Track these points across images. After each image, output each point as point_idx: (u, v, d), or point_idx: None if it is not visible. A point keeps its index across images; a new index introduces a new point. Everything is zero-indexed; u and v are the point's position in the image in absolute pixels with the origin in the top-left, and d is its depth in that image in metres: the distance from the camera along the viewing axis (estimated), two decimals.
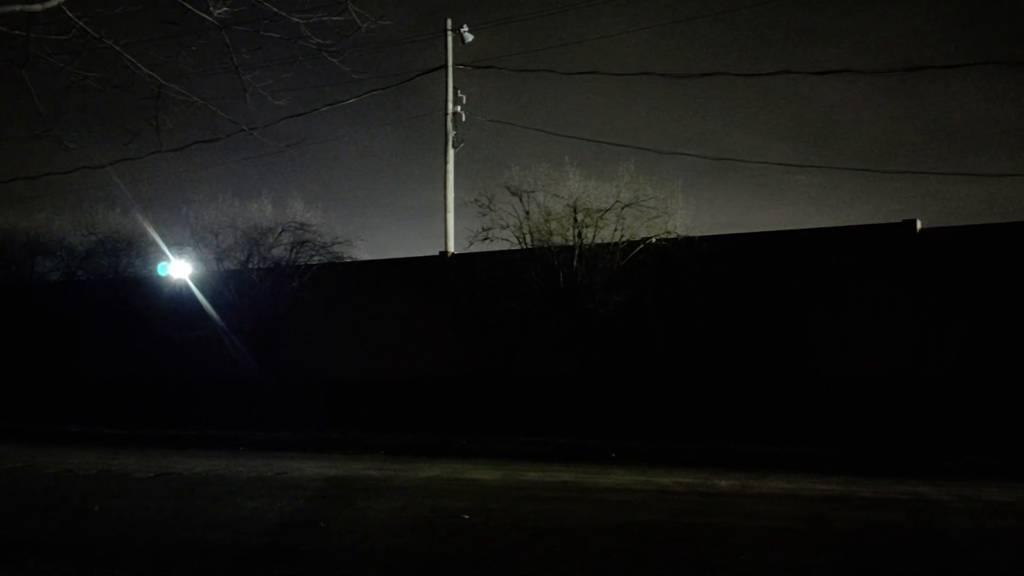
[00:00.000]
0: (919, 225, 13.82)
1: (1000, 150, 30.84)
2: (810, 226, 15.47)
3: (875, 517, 7.55)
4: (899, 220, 14.01)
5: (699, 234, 14.91)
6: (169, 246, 18.20)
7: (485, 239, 15.59)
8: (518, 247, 15.53)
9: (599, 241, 15.10)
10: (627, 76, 24.82)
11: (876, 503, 8.23)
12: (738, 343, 14.39)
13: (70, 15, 6.28)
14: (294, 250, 17.75)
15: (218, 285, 17.73)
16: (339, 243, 17.86)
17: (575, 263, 15.03)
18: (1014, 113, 31.08)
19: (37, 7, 5.90)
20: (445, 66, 20.13)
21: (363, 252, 18.30)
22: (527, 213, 15.38)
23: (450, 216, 19.60)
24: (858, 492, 8.84)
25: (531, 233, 15.39)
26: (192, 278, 18.01)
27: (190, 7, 6.44)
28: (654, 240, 14.92)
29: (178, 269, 18.00)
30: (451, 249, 19.04)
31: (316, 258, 17.74)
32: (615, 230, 15.05)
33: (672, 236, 14.89)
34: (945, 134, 31.82)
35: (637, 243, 14.97)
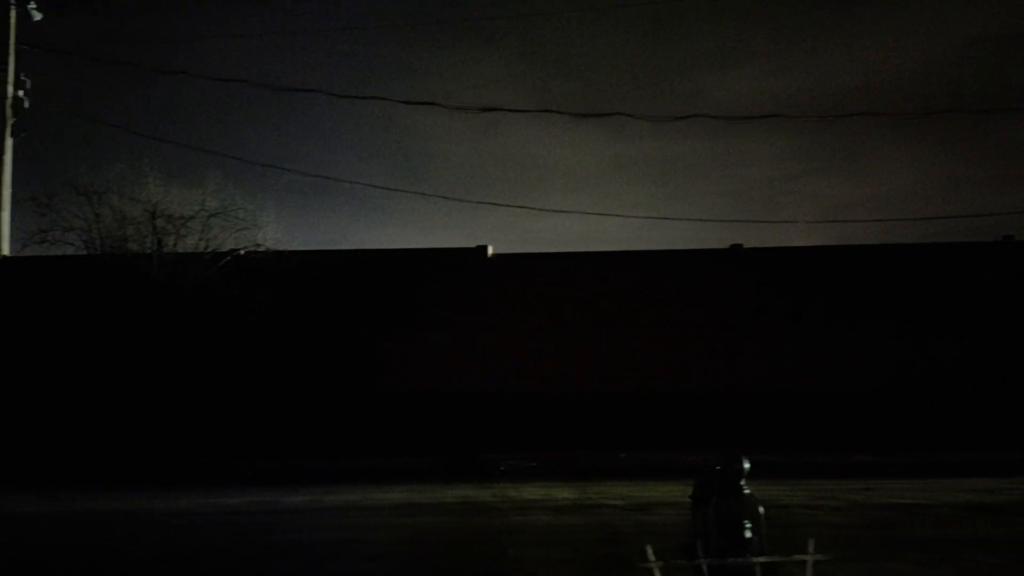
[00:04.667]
0: (490, 251, 15.20)
1: (562, 189, 35.23)
2: (407, 247, 16.10)
3: (431, 521, 8.09)
4: (473, 245, 15.30)
5: (292, 248, 14.85)
6: None
7: (43, 242, 13.96)
8: (86, 252, 14.14)
9: (182, 250, 14.34)
10: (222, 82, 23.76)
11: (433, 508, 8.85)
12: (322, 360, 14.54)
13: None
14: None
15: None
16: None
17: (155, 272, 14.07)
18: (571, 159, 35.78)
19: None
20: (5, 44, 17.65)
21: None
22: (97, 216, 14.07)
23: (5, 214, 17.15)
24: (418, 499, 9.43)
25: (103, 238, 14.10)
26: None
27: None
28: (242, 252, 14.54)
29: None
30: (5, 251, 16.67)
31: None
32: (200, 239, 14.40)
33: (262, 249, 14.63)
34: (519, 171, 35.57)
35: (224, 254, 14.47)
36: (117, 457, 13.15)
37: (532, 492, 9.74)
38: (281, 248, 14.65)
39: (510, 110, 16.59)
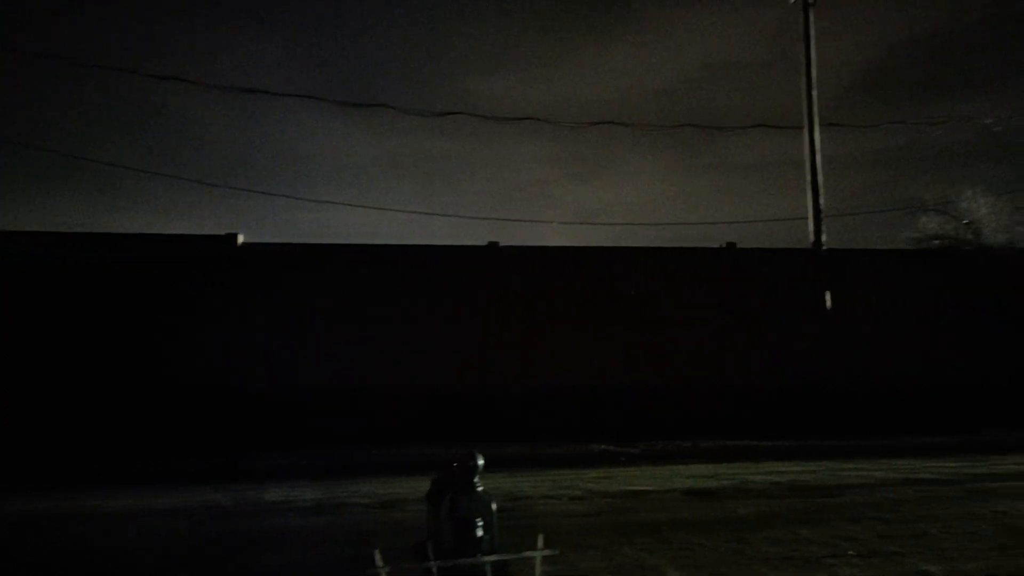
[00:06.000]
0: (240, 239, 14.42)
1: (328, 181, 34.45)
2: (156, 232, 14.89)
3: (168, 528, 7.50)
4: (223, 233, 14.42)
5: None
6: None
7: None
8: None
9: None
10: None
11: (167, 513, 8.21)
12: (66, 353, 13.20)
13: None
14: None
15: None
16: None
17: None
18: (339, 150, 35.05)
19: None
20: None
21: None
22: None
23: None
24: (157, 504, 8.74)
25: None
26: None
27: None
28: None
29: None
30: None
31: None
32: None
33: None
34: (284, 159, 34.29)
35: None
36: None
37: (277, 494, 9.30)
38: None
39: (272, 93, 15.79)
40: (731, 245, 16.10)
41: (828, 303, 15.75)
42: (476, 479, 3.77)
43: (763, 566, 5.76)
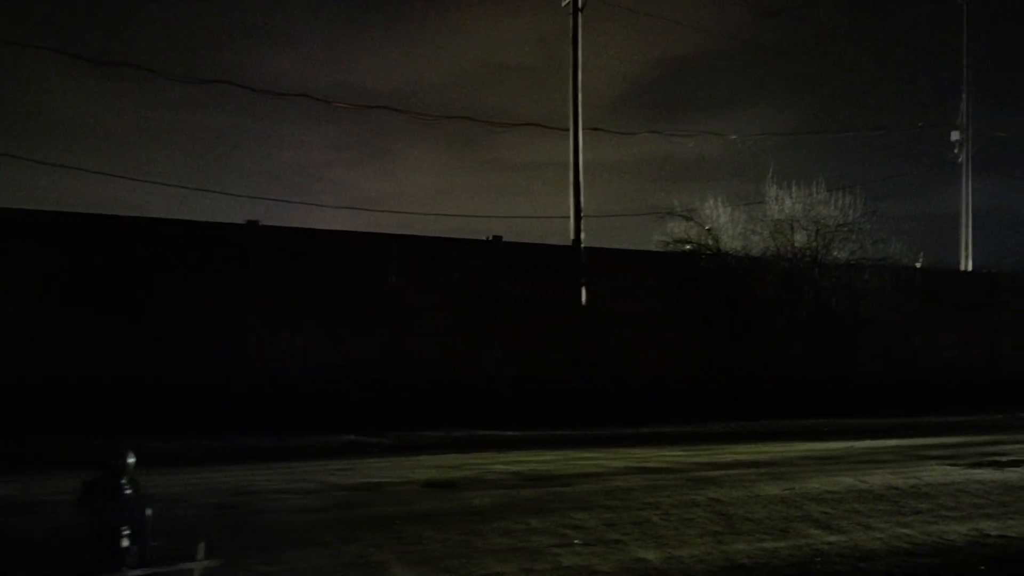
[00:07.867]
0: None
1: (80, 146, 31.34)
2: None
3: None
4: None
5: None
6: None
7: None
8: None
9: None
10: None
11: None
12: None
13: None
14: None
15: None
16: None
17: None
18: (95, 115, 31.96)
19: None
20: None
21: None
22: None
23: None
24: None
25: None
26: None
27: None
28: None
29: None
30: None
31: None
32: None
33: None
34: (23, 118, 30.69)
35: None
36: None
37: None
38: None
39: (11, 42, 13.71)
40: (496, 238, 16.25)
41: (584, 298, 16.33)
42: (124, 481, 3.25)
43: (490, 558, 5.66)
